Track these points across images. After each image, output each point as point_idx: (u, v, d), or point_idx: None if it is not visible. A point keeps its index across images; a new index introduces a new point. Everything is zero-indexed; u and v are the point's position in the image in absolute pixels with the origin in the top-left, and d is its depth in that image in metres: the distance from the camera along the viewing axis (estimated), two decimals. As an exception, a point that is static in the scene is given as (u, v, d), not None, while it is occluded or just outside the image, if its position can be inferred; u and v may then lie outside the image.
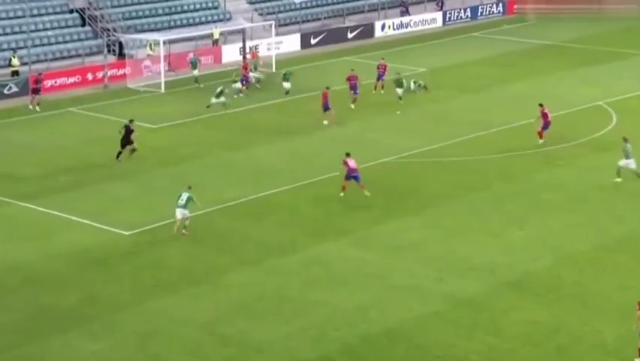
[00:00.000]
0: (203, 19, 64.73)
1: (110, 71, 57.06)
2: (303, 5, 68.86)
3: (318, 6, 70.17)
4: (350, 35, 67.80)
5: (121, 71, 57.73)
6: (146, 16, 62.95)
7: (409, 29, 70.49)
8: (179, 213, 34.39)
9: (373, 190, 38.38)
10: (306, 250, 33.60)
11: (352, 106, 50.11)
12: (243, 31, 61.85)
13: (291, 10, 68.65)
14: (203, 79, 56.97)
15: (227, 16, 65.55)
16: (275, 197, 38.50)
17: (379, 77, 52.98)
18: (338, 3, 70.92)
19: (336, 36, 67.16)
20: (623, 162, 38.65)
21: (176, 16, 63.91)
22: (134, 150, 42.47)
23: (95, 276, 31.85)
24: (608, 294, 30.06)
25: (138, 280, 31.51)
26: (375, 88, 53.17)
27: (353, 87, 50.64)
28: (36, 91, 51.30)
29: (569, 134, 45.25)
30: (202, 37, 62.17)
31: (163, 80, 55.69)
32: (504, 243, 33.91)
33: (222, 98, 49.78)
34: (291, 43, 65.04)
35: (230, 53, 61.86)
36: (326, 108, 47.23)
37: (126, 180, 40.63)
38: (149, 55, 58.63)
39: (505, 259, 32.47)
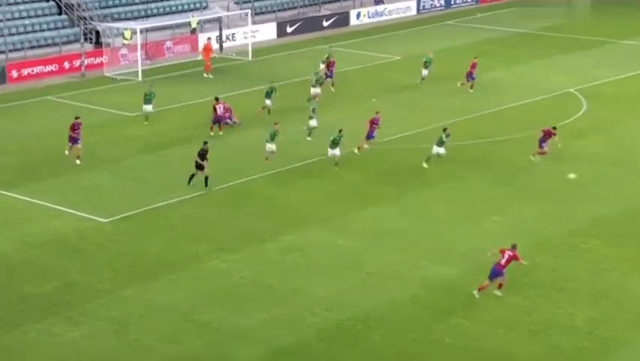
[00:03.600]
0: (180, 7, 64.25)
1: (87, 59, 56.59)
2: (279, -6, 68.63)
3: (294, -6, 69.92)
4: (325, 24, 67.64)
5: (98, 60, 57.23)
6: (123, 5, 62.41)
7: (384, 18, 70.40)
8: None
9: (350, 177, 38.31)
10: (284, 237, 33.49)
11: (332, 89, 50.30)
12: (219, 20, 61.67)
13: (268, -2, 68.42)
14: (181, 67, 56.75)
15: (204, 4, 65.17)
16: (253, 184, 38.34)
17: (329, 76, 51.87)
18: (314, -9, 70.67)
19: (311, 25, 66.98)
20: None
21: (152, 5, 63.34)
22: (207, 178, 37.48)
23: (73, 263, 31.61)
24: (581, 278, 30.21)
25: (116, 267, 31.30)
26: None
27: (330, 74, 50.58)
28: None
29: (541, 121, 45.27)
30: (179, 26, 61.70)
31: (140, 68, 55.31)
32: (479, 229, 33.96)
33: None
34: (267, 31, 64.82)
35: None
36: (370, 136, 41.43)
37: (104, 169, 40.33)
38: (123, 44, 58.18)
39: (480, 244, 32.47)
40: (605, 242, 32.75)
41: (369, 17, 69.75)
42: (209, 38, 58.73)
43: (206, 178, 37.33)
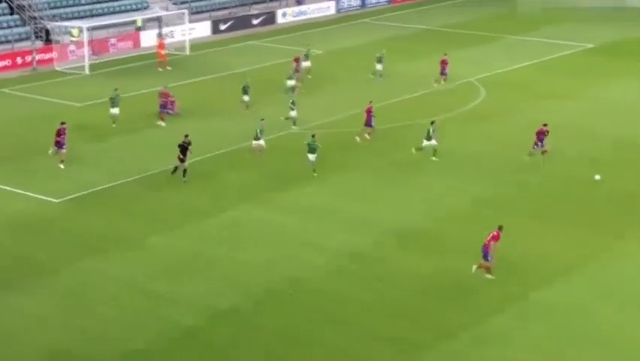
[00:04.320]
0: (122, 7, 63.38)
1: (38, 55, 55.51)
2: (213, -5, 68.38)
3: (226, -4, 69.65)
4: (255, 22, 67.41)
5: (48, 55, 56.18)
6: (70, 5, 61.34)
7: (307, 16, 70.30)
8: None
9: (282, 160, 38.22)
10: (221, 214, 33.29)
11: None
12: (159, 19, 61.19)
13: (203, -1, 68.01)
14: (124, 62, 56.08)
15: (145, 5, 64.34)
16: (195, 166, 37.97)
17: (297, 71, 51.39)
18: (244, -7, 70.55)
19: (242, 23, 66.73)
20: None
21: (97, 5, 62.53)
22: (185, 170, 36.22)
23: (27, 240, 31.06)
24: (477, 245, 30.24)
25: (68, 243, 30.80)
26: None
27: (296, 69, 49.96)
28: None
29: (445, 107, 45.78)
30: (122, 25, 60.88)
31: (87, 63, 54.48)
32: (395, 203, 34.13)
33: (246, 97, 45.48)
34: (202, 29, 64.34)
35: (148, 39, 60.80)
36: (368, 124, 40.71)
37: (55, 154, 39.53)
38: (71, 41, 57.16)
39: (395, 217, 32.72)
40: (499, 212, 33.12)
41: (293, 16, 69.64)
42: (161, 35, 58.21)
43: (185, 170, 35.95)
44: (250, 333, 25.21)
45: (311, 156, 36.63)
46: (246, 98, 45.27)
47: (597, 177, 35.23)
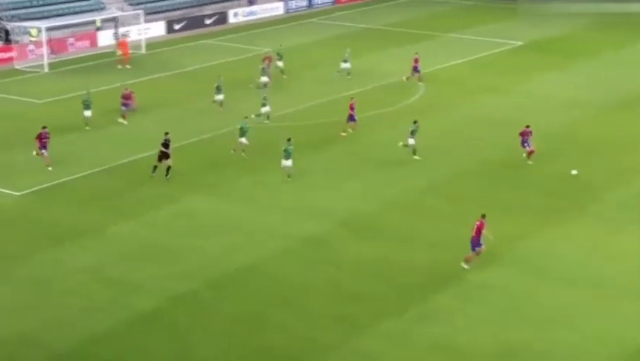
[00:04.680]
0: (80, 8, 62.62)
1: (-1, 54, 54.67)
2: (167, -4, 67.92)
3: (180, -3, 69.19)
4: (208, 22, 66.97)
5: (8, 55, 55.27)
6: (28, 7, 60.40)
7: (257, 16, 70.09)
8: None
9: (224, 153, 38.14)
10: (176, 203, 33.18)
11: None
12: (115, 19, 60.56)
13: (157, 0, 67.27)
14: (82, 60, 55.40)
15: (102, 5, 63.58)
16: (147, 159, 37.73)
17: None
18: (197, -6, 70.19)
19: (196, 22, 66.24)
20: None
21: (55, 6, 61.72)
22: (169, 168, 35.24)
23: (-9, 232, 30.61)
24: (421, 230, 30.93)
25: (30, 235, 30.46)
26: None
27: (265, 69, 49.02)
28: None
29: (386, 102, 46.08)
30: (80, 25, 60.12)
31: (46, 61, 53.73)
32: (341, 193, 34.31)
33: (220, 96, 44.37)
34: (157, 29, 63.76)
35: (105, 38, 60.16)
36: (352, 119, 40.55)
37: (15, 150, 38.94)
38: (30, 40, 56.27)
39: (342, 205, 32.93)
40: (441, 200, 33.61)
41: (244, 16, 69.37)
42: (124, 35, 57.61)
43: (169, 168, 34.97)
44: (208, 316, 25.25)
45: (285, 162, 34.83)
46: (219, 97, 44.35)
47: (574, 172, 35.18)
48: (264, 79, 48.09)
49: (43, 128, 36.80)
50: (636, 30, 63.22)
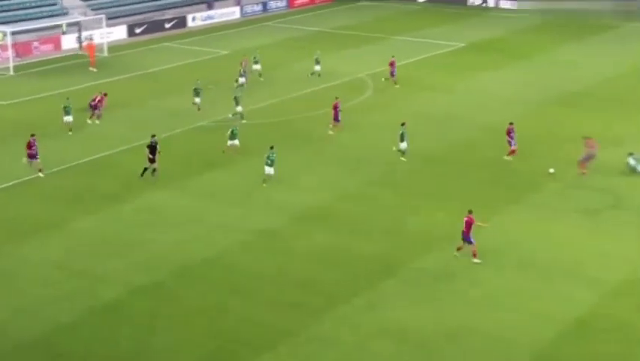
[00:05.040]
0: (44, 13, 61.61)
1: (-35, 57, 53.49)
2: (129, 1, 66.99)
3: (141, 2, 68.32)
4: (167, 26, 66.34)
5: (-26, 58, 54.22)
6: (-6, 12, 59.29)
7: (214, 20, 69.60)
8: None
9: (193, 147, 37.80)
10: (137, 199, 32.82)
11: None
12: (79, 24, 59.71)
13: (119, 5, 66.50)
14: (46, 63, 54.63)
15: (65, 11, 62.60)
16: (111, 157, 37.32)
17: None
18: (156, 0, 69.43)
19: (156, 26, 65.57)
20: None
21: (20, 12, 60.62)
22: (154, 170, 34.32)
23: (-41, 229, 29.96)
24: (371, 219, 31.03)
25: (-3, 230, 29.89)
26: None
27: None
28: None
29: (340, 99, 46.00)
30: (45, 29, 59.21)
31: (11, 64, 52.82)
32: (295, 186, 34.26)
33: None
34: (119, 32, 62.96)
35: (68, 42, 59.32)
36: (337, 119, 40.14)
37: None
38: (-2, 44, 55.37)
39: (295, 198, 32.87)
40: (392, 192, 33.71)
41: (202, 20, 68.85)
42: (91, 38, 56.84)
43: (154, 170, 34.02)
44: (169, 305, 25.05)
45: (268, 169, 33.55)
46: (197, 100, 43.42)
47: (551, 170, 34.90)
48: (242, 80, 47.76)
49: (32, 135, 34.79)
50: (565, 33, 64.20)
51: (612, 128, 40.63)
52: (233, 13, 71.44)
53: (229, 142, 37.03)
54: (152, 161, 34.13)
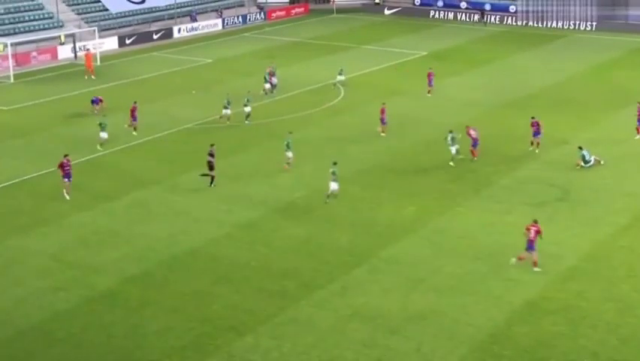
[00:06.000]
0: (41, 26, 60.94)
1: (-33, 66, 52.75)
2: (119, 15, 66.54)
3: (130, 15, 67.89)
4: (155, 37, 65.93)
5: (-24, 67, 53.51)
6: (-5, 24, 58.63)
7: (198, 31, 69.26)
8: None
9: (179, 148, 37.49)
10: (128, 195, 32.48)
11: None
12: (73, 35, 59.33)
13: (110, 18, 66.04)
14: (43, 71, 54.04)
15: (61, 24, 62.03)
16: (102, 158, 36.91)
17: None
18: (145, 13, 69.02)
19: (144, 37, 65.13)
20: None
21: (19, 24, 60.03)
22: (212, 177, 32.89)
23: (-38, 225, 29.46)
24: (344, 214, 30.93)
25: (-2, 225, 29.44)
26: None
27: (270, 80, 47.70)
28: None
29: (313, 104, 46.01)
30: (42, 40, 58.55)
31: (12, 72, 52.08)
32: (275, 182, 34.06)
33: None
34: (110, 43, 62.45)
35: (64, 52, 58.69)
36: (384, 122, 39.75)
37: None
38: (-1, 54, 54.76)
39: (275, 193, 32.70)
40: (361, 188, 33.64)
41: (187, 31, 68.55)
42: (88, 49, 56.41)
43: (213, 177, 32.67)
44: (159, 293, 24.80)
45: (333, 185, 31.12)
46: (226, 111, 41.19)
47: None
48: (267, 86, 47.59)
49: (65, 156, 32.25)
50: (520, 42, 64.58)
51: (561, 128, 40.93)
52: (215, 25, 71.17)
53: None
54: (211, 168, 32.82)
